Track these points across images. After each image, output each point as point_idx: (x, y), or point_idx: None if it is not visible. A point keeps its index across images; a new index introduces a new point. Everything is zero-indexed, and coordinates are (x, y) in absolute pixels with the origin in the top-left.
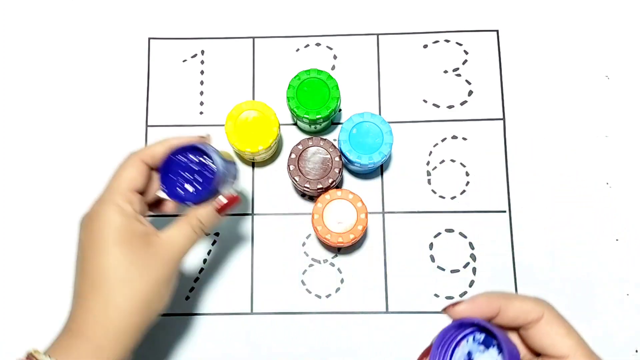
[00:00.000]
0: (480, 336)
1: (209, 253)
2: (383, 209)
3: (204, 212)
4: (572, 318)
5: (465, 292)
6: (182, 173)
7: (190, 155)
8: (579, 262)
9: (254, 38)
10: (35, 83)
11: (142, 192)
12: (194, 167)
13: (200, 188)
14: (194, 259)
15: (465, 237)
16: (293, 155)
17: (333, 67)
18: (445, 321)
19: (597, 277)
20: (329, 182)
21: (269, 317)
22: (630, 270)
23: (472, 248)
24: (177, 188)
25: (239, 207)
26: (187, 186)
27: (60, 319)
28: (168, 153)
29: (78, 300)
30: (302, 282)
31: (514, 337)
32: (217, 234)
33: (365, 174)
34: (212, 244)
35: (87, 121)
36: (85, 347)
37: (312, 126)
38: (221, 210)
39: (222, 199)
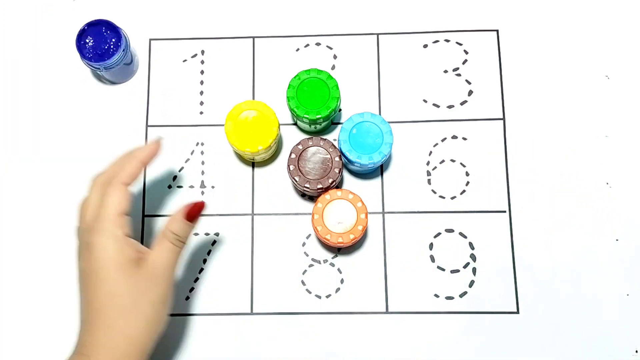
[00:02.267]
0: None
1: (208, 253)
2: (383, 209)
3: (175, 225)
4: (572, 318)
5: (465, 292)
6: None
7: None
8: (579, 262)
9: (254, 38)
10: (35, 83)
11: (127, 213)
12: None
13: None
14: (194, 259)
15: (465, 237)
16: (293, 155)
17: (333, 67)
18: (447, 323)
19: (597, 277)
20: (329, 182)
21: (268, 318)
22: (630, 270)
23: (472, 248)
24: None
25: (238, 207)
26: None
27: (59, 319)
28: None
29: (85, 326)
30: (302, 282)
31: None
32: (217, 234)
33: (365, 174)
34: (212, 244)
35: (87, 121)
36: None
37: (312, 126)
38: (189, 217)
39: (187, 207)
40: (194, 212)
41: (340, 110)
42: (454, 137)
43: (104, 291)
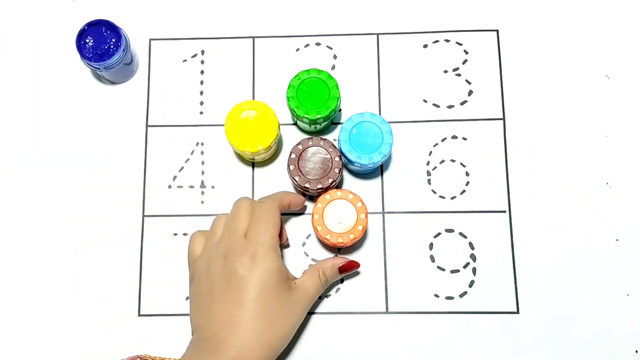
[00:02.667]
0: None
1: None
2: (383, 209)
3: (329, 269)
4: (572, 318)
5: (465, 292)
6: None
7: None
8: (579, 262)
9: (254, 38)
10: (35, 83)
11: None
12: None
13: None
14: None
15: (465, 237)
16: (293, 155)
17: (333, 67)
18: (447, 323)
19: (597, 277)
20: (329, 182)
21: None
22: (630, 270)
23: (472, 248)
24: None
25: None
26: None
27: (58, 319)
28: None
29: (231, 328)
30: None
31: None
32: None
33: (365, 174)
34: None
35: (87, 121)
36: None
37: (312, 126)
38: (342, 271)
39: (346, 262)
40: (348, 269)
41: (340, 110)
42: (454, 137)
43: (261, 299)
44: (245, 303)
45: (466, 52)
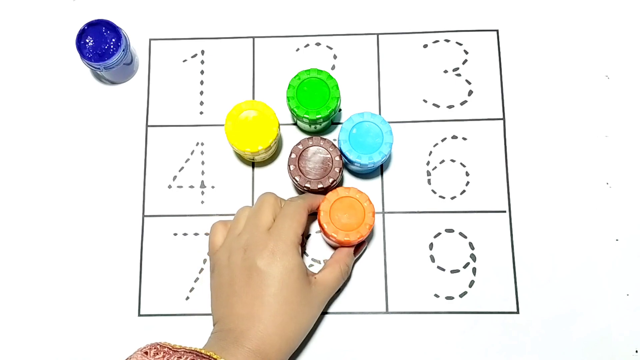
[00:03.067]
0: None
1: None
2: (383, 209)
3: (347, 258)
4: (572, 318)
5: (465, 292)
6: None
7: None
8: (579, 262)
9: (254, 38)
10: (35, 83)
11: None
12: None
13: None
14: (194, 259)
15: (465, 237)
16: (293, 155)
17: (333, 67)
18: (447, 323)
19: (597, 277)
20: (329, 181)
21: None
22: (630, 270)
23: (472, 248)
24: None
25: (238, 207)
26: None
27: (58, 319)
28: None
29: (253, 322)
30: None
31: None
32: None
33: (365, 174)
34: None
35: (87, 121)
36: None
37: (312, 126)
38: (356, 251)
39: (355, 245)
40: (360, 248)
41: (340, 110)
42: (454, 137)
43: (282, 295)
44: (265, 298)
45: (466, 52)
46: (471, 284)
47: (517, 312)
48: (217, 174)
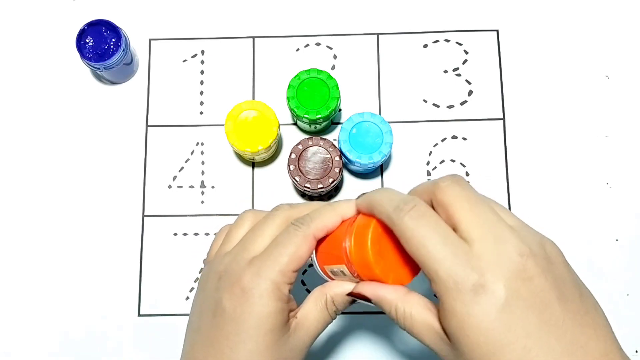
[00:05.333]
0: None
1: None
2: None
3: (339, 298)
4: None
5: None
6: None
7: None
8: (579, 262)
9: (254, 38)
10: (35, 83)
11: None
12: None
13: None
14: (194, 259)
15: None
16: (293, 155)
17: (333, 67)
18: None
19: (597, 277)
20: (329, 181)
21: None
22: (630, 270)
23: None
24: None
25: (238, 207)
26: None
27: (57, 319)
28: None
29: None
30: (302, 282)
31: None
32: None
33: (365, 174)
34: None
35: (87, 121)
36: None
37: (312, 126)
38: (354, 296)
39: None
40: (360, 297)
41: (340, 110)
42: (454, 137)
43: (244, 351)
44: (225, 349)
45: (466, 52)
46: None
47: None
48: (217, 174)
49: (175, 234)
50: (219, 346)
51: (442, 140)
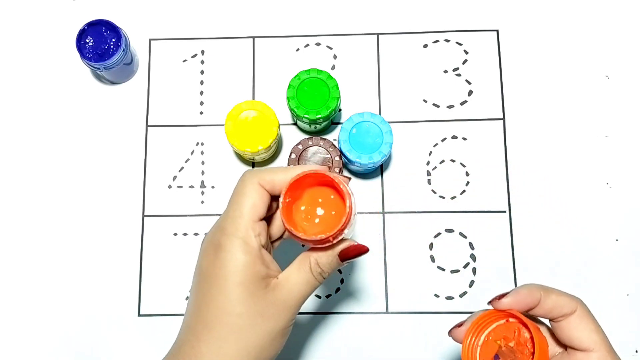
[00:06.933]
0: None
1: None
2: (383, 209)
3: (325, 260)
4: None
5: (465, 292)
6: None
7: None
8: (579, 263)
9: (254, 38)
10: (35, 83)
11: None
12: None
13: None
14: (194, 259)
15: (465, 237)
16: (293, 155)
17: (333, 67)
18: (447, 323)
19: (597, 277)
20: None
21: None
22: (630, 270)
23: (472, 248)
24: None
25: None
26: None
27: (57, 319)
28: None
29: (189, 336)
30: None
31: (543, 329)
32: None
33: (365, 174)
34: None
35: (87, 121)
36: None
37: (312, 126)
38: (343, 257)
39: (347, 247)
40: (351, 254)
41: (340, 110)
42: (454, 137)
43: (220, 306)
44: (202, 308)
45: (466, 52)
46: (471, 284)
47: None
48: (217, 174)
49: (175, 234)
50: (198, 304)
51: (442, 140)
